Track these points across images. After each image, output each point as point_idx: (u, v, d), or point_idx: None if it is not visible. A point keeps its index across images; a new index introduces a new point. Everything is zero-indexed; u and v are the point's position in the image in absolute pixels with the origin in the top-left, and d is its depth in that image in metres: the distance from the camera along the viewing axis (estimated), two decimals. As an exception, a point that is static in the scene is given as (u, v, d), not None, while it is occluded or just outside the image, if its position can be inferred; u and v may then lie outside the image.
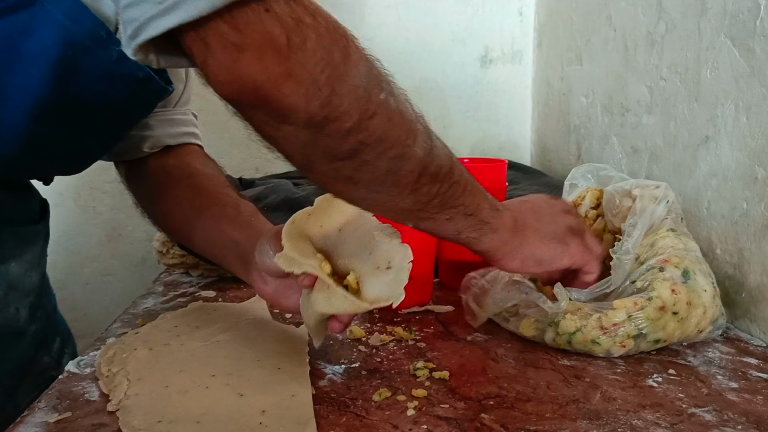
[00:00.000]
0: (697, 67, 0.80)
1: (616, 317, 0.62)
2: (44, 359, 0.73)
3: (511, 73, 1.44)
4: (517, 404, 0.55)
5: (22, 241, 0.68)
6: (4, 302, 0.66)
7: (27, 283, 0.69)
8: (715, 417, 0.52)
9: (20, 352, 0.69)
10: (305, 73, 0.41)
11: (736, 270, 0.73)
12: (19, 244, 0.68)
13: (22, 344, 0.69)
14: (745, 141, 0.71)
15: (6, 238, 0.66)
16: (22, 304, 0.68)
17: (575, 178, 0.78)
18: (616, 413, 0.53)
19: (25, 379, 0.68)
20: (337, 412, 0.53)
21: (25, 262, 0.69)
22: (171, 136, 0.77)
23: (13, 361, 0.68)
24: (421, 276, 0.77)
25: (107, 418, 0.52)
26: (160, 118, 0.75)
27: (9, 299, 0.67)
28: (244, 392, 0.55)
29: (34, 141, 0.60)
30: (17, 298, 0.68)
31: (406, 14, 1.38)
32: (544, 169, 1.33)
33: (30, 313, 0.70)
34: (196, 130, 0.81)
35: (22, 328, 0.69)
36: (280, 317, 0.74)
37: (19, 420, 0.52)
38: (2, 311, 0.66)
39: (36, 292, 0.71)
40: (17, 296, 0.68)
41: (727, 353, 0.65)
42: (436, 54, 1.41)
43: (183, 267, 0.92)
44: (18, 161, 0.62)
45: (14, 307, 0.67)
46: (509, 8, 1.41)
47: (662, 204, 0.69)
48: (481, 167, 0.86)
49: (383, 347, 0.66)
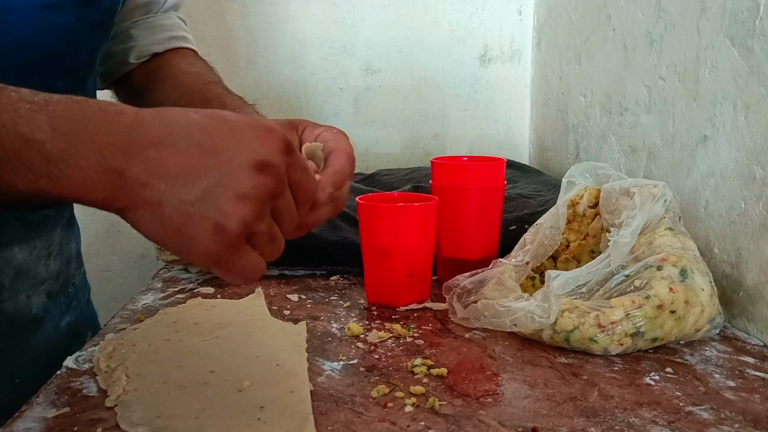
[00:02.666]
0: (695, 66, 0.80)
1: (614, 315, 0.62)
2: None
3: (510, 72, 1.44)
4: (515, 401, 0.55)
5: (26, 227, 0.67)
6: (13, 290, 0.65)
7: (41, 271, 0.68)
8: (712, 415, 0.53)
9: (42, 341, 0.67)
10: None
11: (733, 269, 0.73)
12: (22, 229, 0.66)
13: (42, 334, 0.67)
14: (744, 140, 0.71)
15: (7, 222, 0.64)
16: (35, 292, 0.67)
17: (573, 176, 0.78)
18: (614, 411, 0.53)
19: (56, 371, 0.67)
20: (336, 409, 0.53)
21: (35, 248, 0.67)
22: (156, 43, 0.73)
23: (34, 350, 0.66)
24: (420, 273, 0.77)
25: (106, 414, 0.52)
26: (142, 26, 0.72)
27: (18, 286, 0.65)
28: (243, 388, 0.55)
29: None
30: (28, 286, 0.66)
31: (405, 13, 1.38)
32: (542, 168, 1.33)
33: (50, 302, 0.68)
34: (185, 34, 0.77)
35: (37, 316, 0.67)
36: (279, 314, 0.74)
37: (17, 415, 0.52)
38: (12, 299, 0.64)
39: (55, 281, 0.70)
40: (28, 284, 0.66)
41: (724, 352, 0.65)
42: (435, 52, 1.41)
43: (182, 263, 0.92)
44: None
45: (25, 295, 0.66)
46: (508, 7, 1.41)
47: (660, 203, 0.69)
48: (479, 166, 0.86)
49: (381, 344, 0.67)
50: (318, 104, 1.40)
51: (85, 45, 0.64)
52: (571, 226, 0.78)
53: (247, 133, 0.40)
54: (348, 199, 0.53)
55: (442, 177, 0.85)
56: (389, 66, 1.39)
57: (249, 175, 0.38)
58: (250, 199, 0.38)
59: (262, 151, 0.39)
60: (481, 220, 0.84)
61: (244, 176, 0.38)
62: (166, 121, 0.39)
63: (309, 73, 1.39)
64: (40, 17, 0.57)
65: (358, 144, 1.42)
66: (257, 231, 0.39)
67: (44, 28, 0.58)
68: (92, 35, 0.64)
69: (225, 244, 0.38)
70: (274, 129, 0.40)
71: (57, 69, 0.62)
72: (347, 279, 0.88)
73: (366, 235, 0.77)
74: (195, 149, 0.38)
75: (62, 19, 0.59)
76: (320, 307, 0.77)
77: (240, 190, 0.38)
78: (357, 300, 0.80)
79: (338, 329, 0.70)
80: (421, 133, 1.44)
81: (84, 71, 0.67)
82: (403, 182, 1.12)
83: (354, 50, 1.38)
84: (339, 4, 1.36)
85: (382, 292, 0.77)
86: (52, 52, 0.60)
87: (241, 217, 0.38)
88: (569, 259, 0.78)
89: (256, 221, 0.39)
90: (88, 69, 0.67)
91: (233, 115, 0.41)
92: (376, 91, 1.40)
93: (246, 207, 0.38)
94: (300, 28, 1.36)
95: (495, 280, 0.71)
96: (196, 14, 1.31)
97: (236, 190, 0.38)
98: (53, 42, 0.60)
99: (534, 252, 0.75)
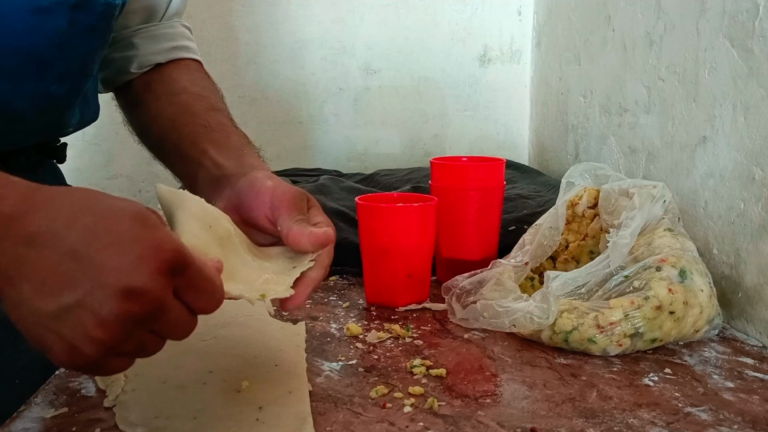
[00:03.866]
0: (695, 67, 0.80)
1: (613, 316, 0.62)
2: None
3: (510, 72, 1.44)
4: (514, 402, 0.55)
5: None
6: None
7: None
8: (711, 416, 0.53)
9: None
10: None
11: (732, 270, 0.73)
12: None
13: None
14: (743, 141, 0.71)
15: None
16: None
17: (572, 177, 0.78)
18: (612, 412, 0.53)
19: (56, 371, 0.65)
20: (334, 409, 0.53)
21: None
22: (157, 53, 0.71)
23: (29, 353, 0.64)
24: (419, 274, 0.77)
25: (104, 414, 0.52)
26: (143, 35, 0.70)
27: None
28: (242, 388, 0.55)
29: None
30: None
31: (405, 13, 1.38)
32: (541, 169, 1.33)
33: None
34: (189, 44, 0.75)
35: None
36: (278, 314, 0.74)
37: (15, 415, 0.52)
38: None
39: None
40: None
41: (723, 353, 0.65)
42: (435, 53, 1.41)
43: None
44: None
45: None
46: (508, 8, 1.42)
47: (659, 203, 0.69)
48: (479, 166, 0.86)
49: (380, 344, 0.67)
50: (318, 104, 1.40)
51: (79, 50, 0.63)
52: (571, 227, 0.78)
53: (131, 249, 0.36)
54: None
55: (442, 177, 0.85)
56: (389, 66, 1.40)
57: (114, 301, 0.35)
58: (111, 326, 0.35)
59: (137, 275, 0.35)
60: (481, 221, 0.84)
61: (109, 301, 0.35)
62: (51, 210, 0.36)
63: (309, 73, 1.39)
64: (31, 21, 0.56)
65: (357, 144, 1.43)
66: (123, 350, 0.37)
67: (35, 33, 0.57)
68: (85, 40, 0.63)
69: (81, 362, 0.37)
70: (162, 248, 0.36)
71: (49, 74, 0.61)
72: (346, 279, 0.87)
73: (365, 236, 0.77)
74: (68, 257, 0.35)
75: (54, 23, 0.58)
76: (319, 307, 0.77)
77: (101, 315, 0.35)
78: (356, 300, 0.80)
79: (337, 329, 0.70)
80: (421, 134, 1.44)
81: (78, 76, 0.65)
82: (402, 182, 1.12)
83: (354, 50, 1.38)
84: (339, 5, 1.36)
85: (382, 292, 0.77)
86: (44, 56, 0.60)
87: (100, 342, 0.35)
88: (568, 259, 0.78)
89: (118, 345, 0.36)
90: (83, 74, 0.66)
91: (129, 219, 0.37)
92: (376, 91, 1.40)
93: (106, 333, 0.35)
94: (300, 28, 1.36)
95: (494, 280, 0.71)
96: (197, 14, 1.31)
97: (98, 314, 0.35)
98: (45, 46, 0.59)
99: (533, 252, 0.75)
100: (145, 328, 0.38)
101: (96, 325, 0.35)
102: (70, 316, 0.35)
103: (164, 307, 0.37)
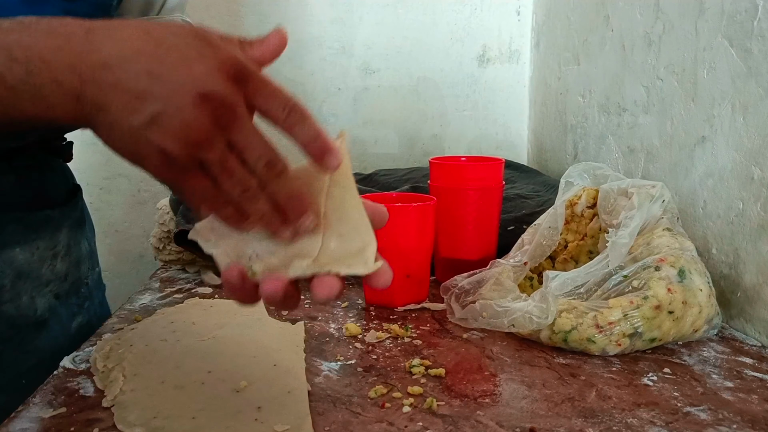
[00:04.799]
0: (694, 67, 0.80)
1: (612, 316, 0.62)
2: None
3: (509, 72, 1.44)
4: (513, 402, 0.55)
5: (26, 228, 0.66)
6: (14, 291, 0.64)
7: (45, 272, 0.67)
8: (710, 416, 0.53)
9: (48, 343, 0.66)
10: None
11: (731, 270, 0.73)
12: (22, 230, 0.65)
13: (47, 335, 0.67)
14: (742, 141, 0.71)
15: (6, 223, 0.64)
16: (39, 294, 0.66)
17: (571, 176, 0.78)
18: (611, 411, 0.53)
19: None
20: (333, 409, 0.53)
21: (37, 249, 0.66)
22: None
23: (39, 351, 0.65)
24: (418, 274, 0.77)
25: (102, 414, 0.52)
26: None
27: (20, 288, 0.64)
28: (240, 388, 0.55)
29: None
30: (31, 287, 0.66)
31: (404, 13, 1.39)
32: (540, 169, 1.33)
33: (59, 303, 0.67)
34: None
35: (42, 318, 0.66)
36: (276, 314, 0.74)
37: (13, 415, 0.52)
38: (13, 301, 0.64)
39: (62, 282, 0.69)
40: (31, 285, 0.66)
41: (722, 353, 0.65)
42: (434, 53, 1.41)
43: (180, 263, 0.92)
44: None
45: (28, 297, 0.65)
46: (507, 8, 1.42)
47: (658, 203, 0.69)
48: (478, 166, 0.86)
49: (379, 344, 0.67)
50: (317, 104, 1.40)
51: None
52: (569, 227, 0.78)
53: (200, 63, 0.39)
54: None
55: (441, 177, 0.85)
56: (388, 66, 1.40)
57: (193, 104, 0.39)
58: (194, 124, 0.39)
59: (209, 81, 0.39)
60: (480, 221, 0.84)
61: (189, 104, 0.39)
62: (117, 40, 0.40)
63: (308, 73, 1.39)
64: (25, 11, 0.56)
65: (356, 144, 1.42)
66: (207, 159, 0.40)
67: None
68: None
69: (171, 167, 0.40)
70: (225, 61, 0.40)
71: None
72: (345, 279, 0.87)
73: (364, 236, 0.77)
74: (144, 76, 0.39)
75: (49, 13, 0.58)
76: (318, 307, 0.77)
77: (184, 116, 0.39)
78: (355, 300, 0.80)
79: (336, 329, 0.70)
80: (420, 133, 1.44)
81: None
82: (401, 182, 1.12)
83: (352, 50, 1.38)
84: (337, 5, 1.36)
85: (380, 292, 0.77)
86: None
87: (185, 140, 0.39)
88: (567, 259, 0.78)
89: (200, 149, 0.40)
90: None
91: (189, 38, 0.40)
92: (375, 91, 1.40)
93: (191, 132, 0.39)
94: (299, 28, 1.36)
95: (493, 280, 0.71)
96: (196, 14, 1.30)
97: (181, 115, 0.39)
98: None
99: (532, 252, 0.75)
100: (224, 135, 0.40)
101: (180, 125, 0.39)
102: (157, 123, 0.39)
103: (237, 111, 0.40)
